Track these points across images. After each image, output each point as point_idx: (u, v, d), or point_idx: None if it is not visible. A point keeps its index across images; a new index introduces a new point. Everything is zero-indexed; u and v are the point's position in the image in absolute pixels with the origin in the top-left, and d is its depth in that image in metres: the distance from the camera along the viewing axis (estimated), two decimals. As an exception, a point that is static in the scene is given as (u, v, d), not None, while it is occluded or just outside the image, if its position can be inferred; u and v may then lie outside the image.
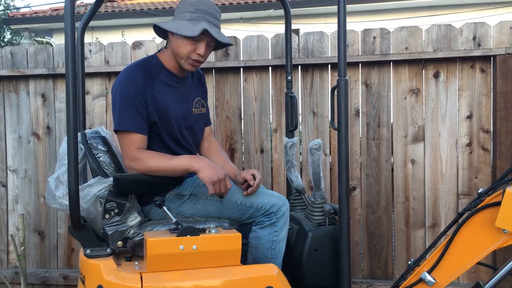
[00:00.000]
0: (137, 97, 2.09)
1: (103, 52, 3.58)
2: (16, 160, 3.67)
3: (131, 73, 2.15)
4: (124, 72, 2.19)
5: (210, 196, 2.11)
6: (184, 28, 2.10)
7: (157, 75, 2.21)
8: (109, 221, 1.88)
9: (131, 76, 2.13)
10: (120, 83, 2.14)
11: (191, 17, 2.13)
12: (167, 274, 1.78)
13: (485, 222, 1.94)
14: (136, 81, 2.11)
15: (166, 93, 2.22)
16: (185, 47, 2.15)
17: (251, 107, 3.45)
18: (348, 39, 3.31)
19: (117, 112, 2.10)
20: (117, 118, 2.10)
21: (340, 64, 1.98)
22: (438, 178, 3.25)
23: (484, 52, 3.12)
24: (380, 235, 3.33)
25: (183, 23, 2.13)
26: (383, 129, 3.31)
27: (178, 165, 2.05)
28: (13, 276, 3.59)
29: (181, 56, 2.18)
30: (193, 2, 2.16)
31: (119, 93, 2.12)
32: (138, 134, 2.08)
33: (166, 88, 2.23)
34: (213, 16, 2.19)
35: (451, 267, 2.02)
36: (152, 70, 2.20)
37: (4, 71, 3.59)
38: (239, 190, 2.16)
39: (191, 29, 2.09)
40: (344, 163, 1.99)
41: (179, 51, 2.16)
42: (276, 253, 2.13)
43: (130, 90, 2.09)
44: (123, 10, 10.49)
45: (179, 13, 2.18)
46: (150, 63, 2.25)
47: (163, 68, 2.25)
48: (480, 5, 9.48)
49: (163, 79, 2.23)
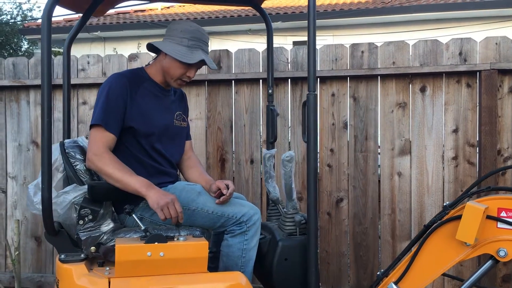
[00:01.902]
0: (117, 100, 2.22)
1: (100, 64, 3.70)
2: (15, 167, 3.80)
3: (117, 79, 2.29)
4: (111, 77, 2.32)
5: (183, 206, 2.17)
6: (183, 55, 2.27)
7: (142, 84, 2.35)
8: (83, 227, 1.97)
9: (117, 81, 2.27)
10: (104, 86, 2.27)
11: (188, 44, 2.30)
12: (134, 280, 1.85)
13: (449, 235, 1.98)
14: (120, 86, 2.25)
15: (150, 100, 2.35)
16: (178, 70, 2.32)
17: (242, 119, 3.53)
18: (337, 53, 3.38)
19: (97, 110, 2.23)
20: (95, 115, 2.21)
21: (309, 80, 2.04)
22: (424, 190, 3.28)
23: (470, 67, 3.16)
24: (366, 246, 3.36)
25: (181, 49, 2.29)
26: (370, 141, 3.36)
27: (132, 183, 2.09)
28: (10, 280, 3.71)
29: (172, 76, 2.34)
30: (190, 30, 2.32)
31: (103, 94, 2.24)
32: (109, 133, 2.17)
33: (150, 96, 2.37)
34: (206, 44, 2.38)
35: (417, 279, 2.05)
36: (138, 79, 2.35)
37: (6, 81, 3.73)
38: (212, 199, 2.23)
39: (190, 57, 2.28)
40: (312, 174, 2.04)
41: (171, 72, 2.33)
42: (246, 261, 2.19)
43: (112, 93, 2.22)
44: (134, 22, 10.69)
45: (175, 37, 2.31)
46: (137, 73, 2.39)
47: (149, 79, 2.40)
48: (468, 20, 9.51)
49: (148, 88, 2.37)
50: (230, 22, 10.29)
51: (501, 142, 3.17)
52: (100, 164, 2.10)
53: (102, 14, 2.82)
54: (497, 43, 3.17)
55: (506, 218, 1.89)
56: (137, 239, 1.95)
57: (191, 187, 2.33)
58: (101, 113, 2.19)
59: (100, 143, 2.14)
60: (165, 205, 2.04)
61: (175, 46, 2.29)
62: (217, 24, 10.41)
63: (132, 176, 2.11)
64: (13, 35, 13.40)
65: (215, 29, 10.42)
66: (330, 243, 3.41)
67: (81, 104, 3.72)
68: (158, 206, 2.04)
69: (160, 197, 2.06)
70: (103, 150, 2.13)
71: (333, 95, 3.40)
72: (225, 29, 10.47)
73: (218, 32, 10.37)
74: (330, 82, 3.40)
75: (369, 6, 9.97)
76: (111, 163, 2.10)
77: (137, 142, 2.30)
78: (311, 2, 2.02)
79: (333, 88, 3.40)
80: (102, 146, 2.14)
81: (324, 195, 3.41)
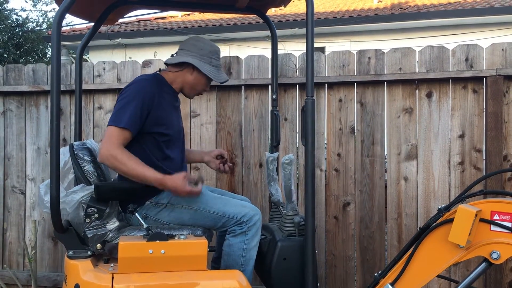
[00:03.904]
0: (142, 102, 2.28)
1: (115, 70, 3.83)
2: (34, 169, 3.95)
3: (145, 83, 2.37)
4: (138, 81, 2.39)
5: (186, 205, 2.28)
6: (215, 75, 2.53)
7: (163, 89, 2.46)
8: (90, 225, 2.07)
9: (144, 84, 2.35)
10: (131, 89, 2.32)
11: (216, 64, 2.55)
12: (136, 276, 1.94)
13: (443, 238, 2.01)
14: (148, 91, 2.33)
15: (168, 106, 2.45)
16: (202, 85, 2.56)
17: (251, 123, 3.60)
18: (344, 60, 3.44)
19: (117, 111, 2.27)
20: (114, 115, 2.26)
21: (308, 85, 2.11)
22: (430, 195, 3.30)
23: (475, 73, 3.18)
24: (373, 250, 3.40)
25: (212, 69, 2.52)
26: (377, 146, 3.40)
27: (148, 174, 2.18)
28: (28, 278, 3.84)
29: (195, 89, 2.57)
30: (215, 50, 2.55)
31: (126, 96, 2.30)
32: (123, 130, 2.22)
33: (169, 102, 2.48)
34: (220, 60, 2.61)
35: (413, 280, 2.10)
36: (160, 84, 2.46)
37: (26, 87, 3.89)
38: (213, 200, 2.31)
39: (219, 76, 2.55)
40: (310, 177, 2.11)
41: (197, 86, 2.56)
42: (246, 260, 2.26)
43: (137, 94, 2.29)
44: (155, 29, 10.90)
45: (205, 56, 2.50)
46: (158, 78, 2.49)
47: (167, 84, 2.52)
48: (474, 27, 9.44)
49: (167, 96, 2.48)
50: (248, 29, 10.41)
51: (508, 147, 3.18)
52: (115, 160, 2.15)
53: (113, 22, 2.94)
54: (503, 49, 3.19)
55: (499, 221, 1.93)
56: (140, 237, 2.04)
57: None
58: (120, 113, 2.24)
59: (112, 141, 2.18)
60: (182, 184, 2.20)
61: (207, 66, 2.50)
62: (236, 30, 10.55)
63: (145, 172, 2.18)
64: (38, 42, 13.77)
65: (233, 35, 10.56)
66: (337, 247, 3.46)
67: (97, 109, 3.85)
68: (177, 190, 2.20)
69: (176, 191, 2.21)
70: (116, 147, 2.17)
71: (340, 101, 3.45)
72: (243, 36, 10.60)
73: (237, 39, 10.51)
74: (338, 88, 3.45)
75: (387, 12, 9.98)
76: (126, 158, 2.16)
77: (156, 147, 2.37)
78: (310, 11, 2.09)
79: (340, 93, 3.45)
80: (116, 144, 2.18)
81: (331, 199, 3.47)
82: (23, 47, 13.65)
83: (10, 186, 3.97)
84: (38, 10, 18.15)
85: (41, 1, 16.70)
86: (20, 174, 3.97)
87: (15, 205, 3.97)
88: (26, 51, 13.75)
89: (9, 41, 12.65)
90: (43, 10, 15.96)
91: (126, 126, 2.22)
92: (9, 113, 3.98)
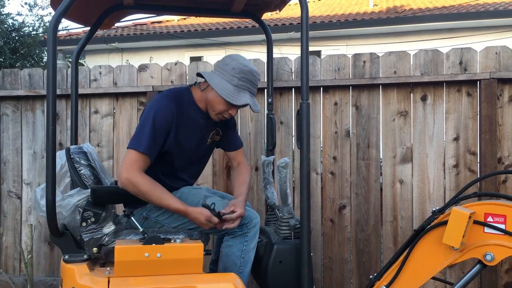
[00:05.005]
0: (161, 126, 2.23)
1: (111, 74, 3.84)
2: (30, 174, 3.95)
3: (166, 105, 2.27)
4: (159, 102, 2.29)
5: None
6: (229, 94, 2.26)
7: (187, 110, 2.35)
8: (86, 228, 2.07)
9: (165, 107, 2.26)
10: (153, 111, 2.25)
11: (237, 84, 2.27)
12: (132, 279, 1.94)
13: (437, 240, 2.03)
14: (167, 114, 2.25)
15: (189, 129, 2.37)
16: (221, 106, 2.31)
17: (247, 127, 3.62)
18: (339, 63, 3.46)
19: (137, 134, 2.23)
20: (135, 138, 2.22)
21: (302, 89, 2.13)
22: (425, 198, 3.32)
23: (469, 76, 3.20)
24: (369, 252, 3.41)
25: (229, 87, 2.27)
26: (372, 149, 3.41)
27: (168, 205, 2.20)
28: (24, 283, 3.84)
29: (214, 110, 2.34)
30: (242, 69, 2.29)
31: (148, 117, 2.23)
32: (146, 157, 2.19)
33: (192, 124, 2.38)
34: (255, 86, 2.36)
35: (408, 282, 2.11)
36: (183, 105, 2.35)
37: (22, 91, 3.90)
38: (215, 201, 2.33)
39: (236, 98, 2.27)
40: (305, 180, 2.12)
41: (214, 105, 2.33)
42: (245, 262, 2.28)
43: (158, 119, 2.22)
44: (151, 33, 10.91)
45: (226, 73, 2.28)
46: (183, 97, 2.37)
47: (193, 103, 2.39)
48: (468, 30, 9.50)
49: (191, 114, 2.37)
50: (244, 33, 10.42)
51: (502, 150, 3.20)
52: (135, 189, 2.14)
53: (109, 27, 2.95)
54: (497, 53, 3.22)
55: (493, 223, 1.94)
56: (136, 240, 2.05)
57: (197, 191, 2.44)
58: (141, 137, 2.20)
59: (134, 167, 2.15)
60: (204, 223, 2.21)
61: (224, 82, 2.27)
62: (232, 34, 10.56)
63: (167, 198, 2.19)
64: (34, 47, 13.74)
65: (229, 39, 10.57)
66: (333, 250, 3.47)
67: (93, 113, 3.86)
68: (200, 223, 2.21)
69: (196, 221, 2.22)
70: (136, 174, 2.15)
71: (336, 104, 3.47)
72: (239, 40, 10.61)
73: (233, 43, 10.52)
74: (333, 91, 3.47)
75: (382, 16, 10.02)
76: (144, 187, 2.15)
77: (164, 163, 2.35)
78: (304, 14, 2.10)
79: (335, 97, 3.47)
80: (137, 170, 2.15)
81: (327, 202, 3.48)
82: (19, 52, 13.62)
83: (6, 190, 3.97)
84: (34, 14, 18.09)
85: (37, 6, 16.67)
86: (16, 178, 3.97)
87: (11, 210, 3.97)
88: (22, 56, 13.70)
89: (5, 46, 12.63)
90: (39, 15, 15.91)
91: (145, 152, 2.18)
92: (5, 117, 3.98)
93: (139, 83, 3.79)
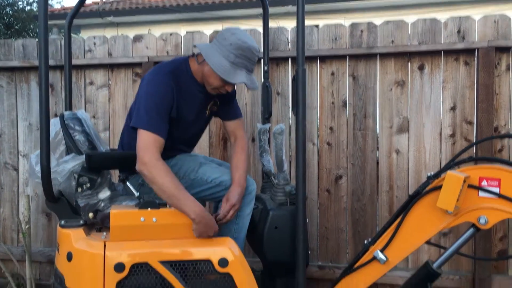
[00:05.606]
0: (165, 106, 2.17)
1: (106, 45, 3.80)
2: (26, 145, 3.94)
3: (164, 81, 2.20)
4: (157, 76, 2.23)
5: (183, 175, 2.29)
6: (225, 71, 2.16)
7: (184, 84, 2.29)
8: (81, 194, 2.08)
9: (164, 84, 2.19)
10: (151, 86, 2.19)
11: (234, 61, 2.17)
12: (128, 243, 1.96)
13: (431, 204, 2.03)
14: (167, 91, 2.19)
15: (189, 102, 2.32)
16: (216, 81, 2.24)
17: (244, 98, 3.60)
18: (336, 33, 3.42)
19: (145, 112, 2.13)
20: (145, 118, 2.12)
21: (298, 55, 2.10)
22: (421, 168, 3.33)
23: (468, 45, 3.18)
24: (364, 222, 3.43)
25: (225, 63, 2.16)
26: (369, 120, 3.41)
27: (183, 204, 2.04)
28: (22, 254, 3.85)
29: (209, 84, 2.27)
30: (240, 46, 2.17)
31: (149, 94, 2.17)
32: (159, 137, 2.12)
33: (190, 97, 2.32)
34: (253, 63, 2.27)
35: (402, 246, 2.13)
36: (181, 79, 2.28)
37: (16, 62, 3.86)
38: (212, 169, 2.33)
39: (232, 75, 2.18)
40: (301, 146, 2.11)
41: (210, 80, 2.25)
42: (239, 228, 2.29)
43: (160, 97, 2.16)
44: (147, 7, 10.78)
45: (223, 48, 2.18)
46: (180, 68, 2.31)
47: (191, 77, 2.33)
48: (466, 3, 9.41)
49: (189, 88, 2.31)
50: (241, 6, 10.32)
51: (498, 119, 3.20)
52: (154, 173, 2.04)
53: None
54: (495, 21, 3.18)
55: (487, 187, 1.95)
56: (132, 206, 2.05)
57: (193, 158, 2.43)
58: (151, 118, 2.12)
59: (153, 150, 2.07)
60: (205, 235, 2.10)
61: (221, 58, 2.17)
62: (229, 8, 10.46)
63: (185, 196, 2.07)
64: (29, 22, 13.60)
65: (226, 13, 10.47)
66: (329, 220, 3.49)
67: (88, 85, 3.83)
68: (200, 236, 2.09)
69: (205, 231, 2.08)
70: (157, 158, 2.07)
71: (333, 74, 3.45)
72: (236, 14, 10.51)
73: (230, 17, 10.42)
74: (330, 62, 3.45)
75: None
76: (165, 175, 2.05)
77: None
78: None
79: (332, 67, 3.45)
80: (156, 153, 2.07)
81: (323, 172, 3.48)
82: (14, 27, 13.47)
83: (3, 162, 3.96)
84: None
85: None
86: (12, 150, 3.96)
87: (8, 182, 3.97)
88: (17, 31, 13.56)
89: (-1, 21, 12.51)
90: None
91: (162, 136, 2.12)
92: (0, 89, 3.95)
93: (134, 54, 3.75)
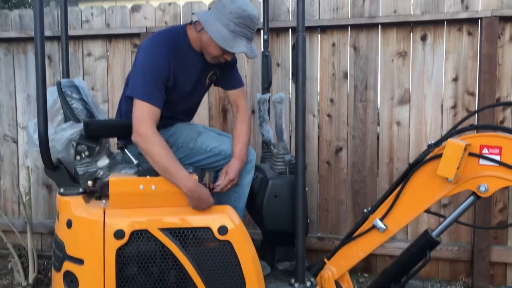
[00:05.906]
0: (161, 75, 2.13)
1: (104, 15, 3.75)
2: (25, 117, 3.92)
3: (161, 50, 2.15)
4: (154, 44, 2.17)
5: (182, 143, 2.28)
6: (224, 40, 2.11)
7: (182, 53, 2.23)
8: (80, 162, 2.07)
9: (160, 54, 2.14)
10: (148, 54, 2.14)
11: (234, 30, 2.11)
12: (128, 211, 1.96)
13: (432, 173, 2.02)
14: (163, 60, 2.14)
15: (186, 71, 2.27)
16: (216, 51, 2.18)
17: (244, 69, 3.56)
18: (338, 2, 3.37)
19: (141, 82, 2.09)
20: (141, 88, 2.08)
21: (298, 22, 2.06)
22: (422, 139, 3.31)
23: (471, 14, 3.12)
24: (364, 194, 3.43)
25: (225, 32, 2.10)
26: (370, 91, 3.37)
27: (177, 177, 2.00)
28: (23, 225, 3.87)
29: (208, 53, 2.21)
30: (240, 15, 2.11)
31: (145, 63, 2.12)
32: (155, 108, 2.07)
33: (188, 66, 2.27)
34: (253, 31, 2.20)
35: (401, 215, 2.12)
36: (178, 48, 2.22)
37: (13, 33, 3.81)
38: (211, 138, 2.31)
39: (231, 44, 2.12)
40: (301, 114, 2.09)
41: (209, 49, 2.19)
42: (239, 196, 2.29)
43: (157, 66, 2.12)
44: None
45: (223, 16, 2.11)
46: (178, 39, 2.24)
47: (189, 46, 2.27)
48: None
49: (187, 58, 2.26)
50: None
51: (501, 90, 3.17)
52: (149, 145, 2.00)
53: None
54: (500, -10, 3.13)
55: (488, 154, 1.93)
56: (131, 173, 2.04)
57: (191, 127, 2.41)
58: (147, 88, 2.08)
59: (148, 121, 2.03)
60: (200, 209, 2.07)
61: (220, 27, 2.10)
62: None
63: (178, 169, 2.01)
64: (27, -5, 13.41)
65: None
66: (329, 191, 3.49)
67: (86, 56, 3.79)
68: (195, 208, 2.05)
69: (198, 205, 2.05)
70: (152, 130, 2.03)
71: (334, 45, 3.40)
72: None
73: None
74: (331, 32, 3.40)
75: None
76: (159, 147, 2.01)
77: None
78: None
79: (333, 37, 3.40)
80: (151, 125, 2.03)
81: (323, 144, 3.47)
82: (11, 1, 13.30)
83: (2, 134, 3.95)
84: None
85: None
86: (12, 122, 3.94)
87: (8, 154, 3.96)
88: (14, 5, 13.38)
89: (-4, -6, 12.33)
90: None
91: (158, 106, 2.08)
92: (-3, 60, 3.91)
93: (132, 24, 3.69)
